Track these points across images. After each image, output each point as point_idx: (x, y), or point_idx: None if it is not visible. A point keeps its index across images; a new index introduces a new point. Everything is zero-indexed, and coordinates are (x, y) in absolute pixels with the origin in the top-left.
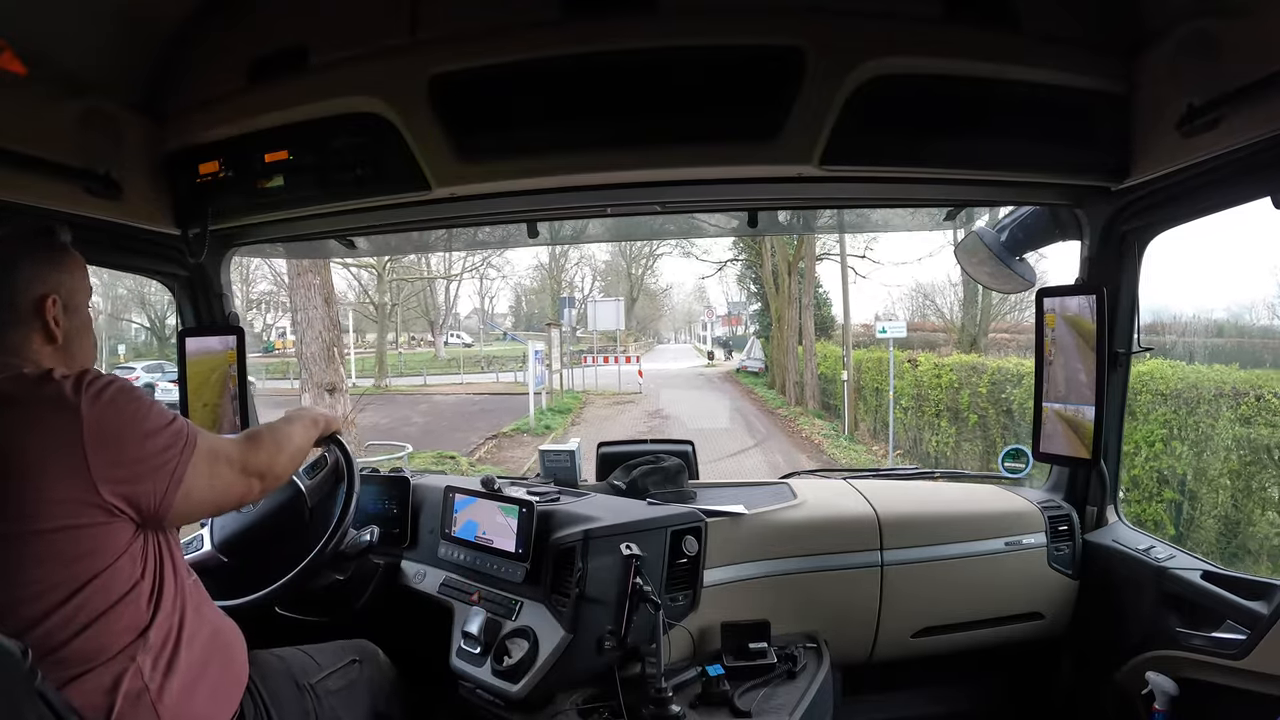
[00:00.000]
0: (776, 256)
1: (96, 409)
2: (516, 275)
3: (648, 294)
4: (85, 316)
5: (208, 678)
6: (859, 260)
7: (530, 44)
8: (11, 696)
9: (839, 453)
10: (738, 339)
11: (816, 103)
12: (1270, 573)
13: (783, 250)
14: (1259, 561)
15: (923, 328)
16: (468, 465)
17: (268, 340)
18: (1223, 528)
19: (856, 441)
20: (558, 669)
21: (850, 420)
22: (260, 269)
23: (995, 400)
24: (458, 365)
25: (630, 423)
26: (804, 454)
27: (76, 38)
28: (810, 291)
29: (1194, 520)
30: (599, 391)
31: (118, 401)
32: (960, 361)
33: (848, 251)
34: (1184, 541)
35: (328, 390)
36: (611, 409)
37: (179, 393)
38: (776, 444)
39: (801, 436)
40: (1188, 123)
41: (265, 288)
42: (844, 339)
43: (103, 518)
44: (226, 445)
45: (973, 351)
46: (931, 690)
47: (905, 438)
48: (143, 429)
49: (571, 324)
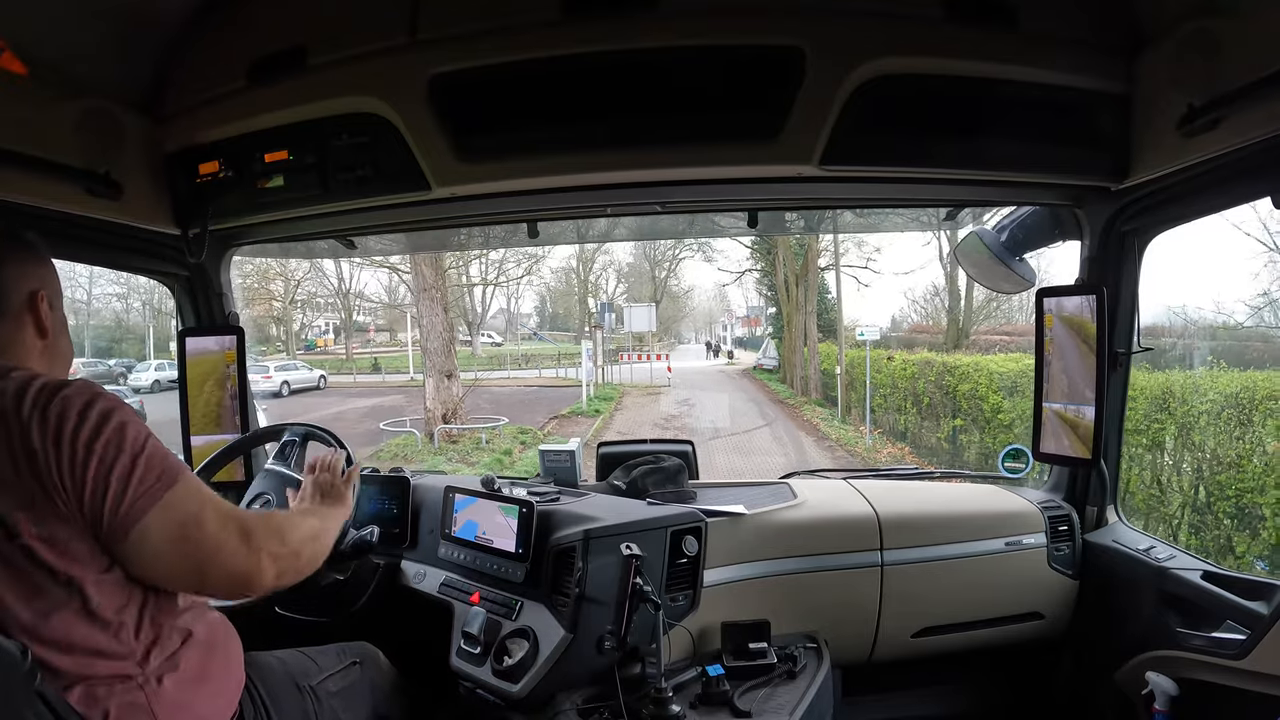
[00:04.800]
0: (786, 267)
1: (65, 419)
2: (543, 278)
3: (670, 296)
4: (63, 315)
5: (206, 679)
6: (861, 270)
7: (530, 44)
8: (12, 697)
9: (831, 430)
10: (755, 339)
11: (817, 103)
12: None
13: (791, 262)
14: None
15: (925, 330)
16: (544, 434)
17: (309, 339)
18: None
19: (847, 423)
20: (558, 669)
21: (843, 406)
22: (307, 270)
23: (940, 386)
24: (499, 362)
25: (665, 407)
26: (803, 432)
27: (76, 38)
28: (813, 299)
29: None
30: (633, 384)
31: (106, 420)
32: (921, 358)
33: (852, 263)
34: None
35: (446, 375)
36: (646, 398)
37: (179, 392)
38: (783, 425)
39: (803, 420)
40: (1188, 123)
41: (311, 288)
42: (838, 340)
43: (80, 524)
44: (224, 503)
45: (956, 351)
46: (931, 690)
47: (885, 419)
48: (118, 449)
49: (611, 327)
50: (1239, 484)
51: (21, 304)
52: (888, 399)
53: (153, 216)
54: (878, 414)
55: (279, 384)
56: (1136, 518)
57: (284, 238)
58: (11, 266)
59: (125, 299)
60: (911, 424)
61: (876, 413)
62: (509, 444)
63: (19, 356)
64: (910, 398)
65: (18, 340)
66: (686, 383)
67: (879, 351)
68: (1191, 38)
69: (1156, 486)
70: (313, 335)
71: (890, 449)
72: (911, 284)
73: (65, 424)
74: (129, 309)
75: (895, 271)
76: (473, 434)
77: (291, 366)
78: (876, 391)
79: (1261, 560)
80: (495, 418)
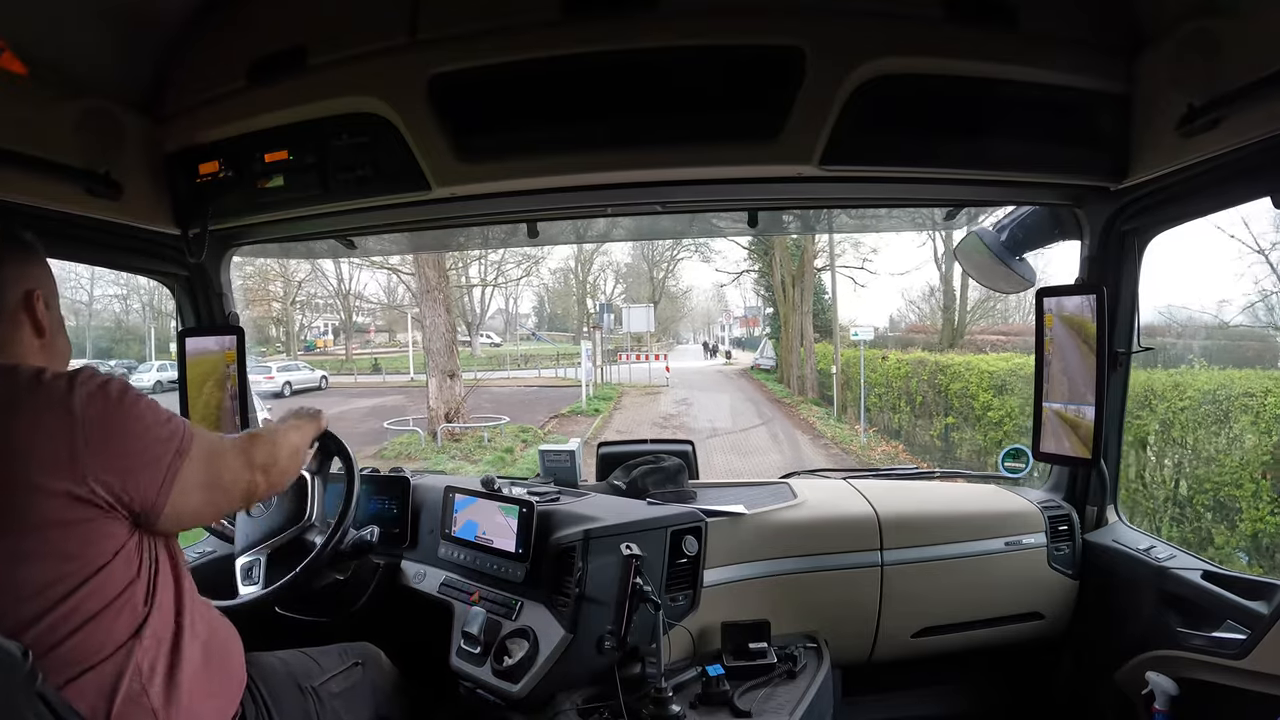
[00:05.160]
0: (783, 268)
1: (89, 406)
2: (542, 278)
3: (668, 296)
4: (59, 314)
5: (206, 678)
6: (857, 271)
7: (530, 44)
8: (12, 697)
9: (826, 429)
10: (753, 340)
11: (817, 103)
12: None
13: (787, 264)
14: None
15: (922, 329)
16: (545, 433)
17: (309, 339)
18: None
19: (843, 422)
20: (558, 669)
21: (839, 404)
22: (309, 272)
23: (933, 385)
24: (498, 363)
25: (663, 407)
26: (799, 430)
27: (76, 38)
28: (809, 300)
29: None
30: (631, 384)
31: (111, 398)
32: (914, 357)
33: (849, 263)
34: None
35: (449, 375)
36: (645, 397)
37: (179, 392)
38: (779, 424)
39: (800, 418)
40: (1188, 123)
41: (310, 289)
42: (834, 340)
43: (95, 515)
44: (226, 442)
45: (950, 351)
46: (931, 690)
47: (880, 418)
48: (136, 425)
49: (610, 327)
50: (1217, 478)
51: (17, 304)
52: (882, 398)
53: (153, 216)
54: (873, 413)
55: (281, 384)
56: (1121, 509)
57: (284, 238)
58: (7, 266)
59: (125, 300)
60: (905, 422)
61: (871, 411)
62: (510, 442)
63: (17, 356)
64: (904, 396)
65: (15, 340)
66: (685, 383)
67: (874, 351)
68: (1191, 38)
69: (1140, 481)
70: (312, 336)
71: (885, 447)
72: (909, 284)
73: (91, 405)
74: (128, 310)
75: (891, 272)
76: (475, 432)
77: (293, 367)
78: (871, 390)
79: (1242, 552)
80: (497, 417)
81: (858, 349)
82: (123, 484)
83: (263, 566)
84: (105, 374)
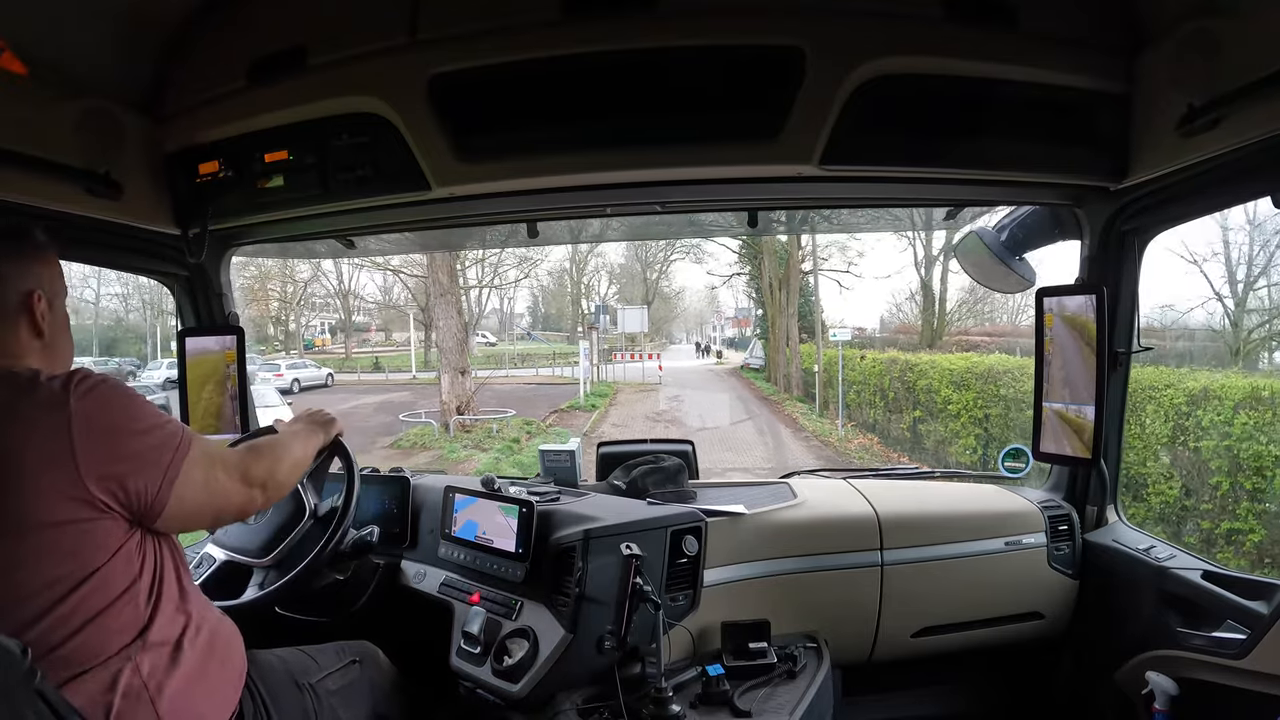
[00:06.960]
0: (770, 272)
1: (86, 405)
2: (537, 278)
3: (662, 297)
4: (64, 314)
5: (207, 677)
6: (843, 274)
7: (530, 44)
8: (11, 696)
9: (808, 423)
10: (744, 340)
11: (816, 103)
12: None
13: (774, 268)
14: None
15: (909, 330)
16: (546, 426)
17: (307, 338)
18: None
19: (824, 417)
20: (558, 669)
21: (820, 401)
22: (308, 270)
23: (903, 382)
24: (496, 362)
25: (655, 403)
26: (783, 425)
27: (76, 38)
28: (794, 303)
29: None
30: (626, 382)
31: (108, 398)
32: (888, 356)
33: (835, 267)
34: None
35: (460, 372)
36: (639, 394)
37: (179, 392)
38: (765, 419)
39: (784, 414)
40: (1188, 123)
41: (310, 288)
42: (816, 341)
43: (93, 514)
44: (226, 453)
45: (927, 351)
46: (931, 690)
47: (858, 413)
48: (133, 426)
49: (605, 328)
50: (1128, 456)
51: (16, 304)
52: (860, 395)
53: (153, 216)
54: (851, 408)
55: (290, 381)
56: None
57: (284, 238)
58: (9, 266)
59: (125, 299)
60: (880, 417)
61: (850, 407)
62: (516, 433)
63: (16, 357)
64: (879, 393)
65: (13, 340)
66: (677, 381)
67: (853, 351)
68: (1191, 38)
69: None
70: (310, 334)
71: (860, 439)
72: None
73: (88, 407)
74: (129, 309)
75: (875, 276)
76: (484, 424)
77: (301, 365)
78: (851, 388)
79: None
80: (503, 410)
81: (847, 349)
82: (121, 484)
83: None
84: (101, 375)
